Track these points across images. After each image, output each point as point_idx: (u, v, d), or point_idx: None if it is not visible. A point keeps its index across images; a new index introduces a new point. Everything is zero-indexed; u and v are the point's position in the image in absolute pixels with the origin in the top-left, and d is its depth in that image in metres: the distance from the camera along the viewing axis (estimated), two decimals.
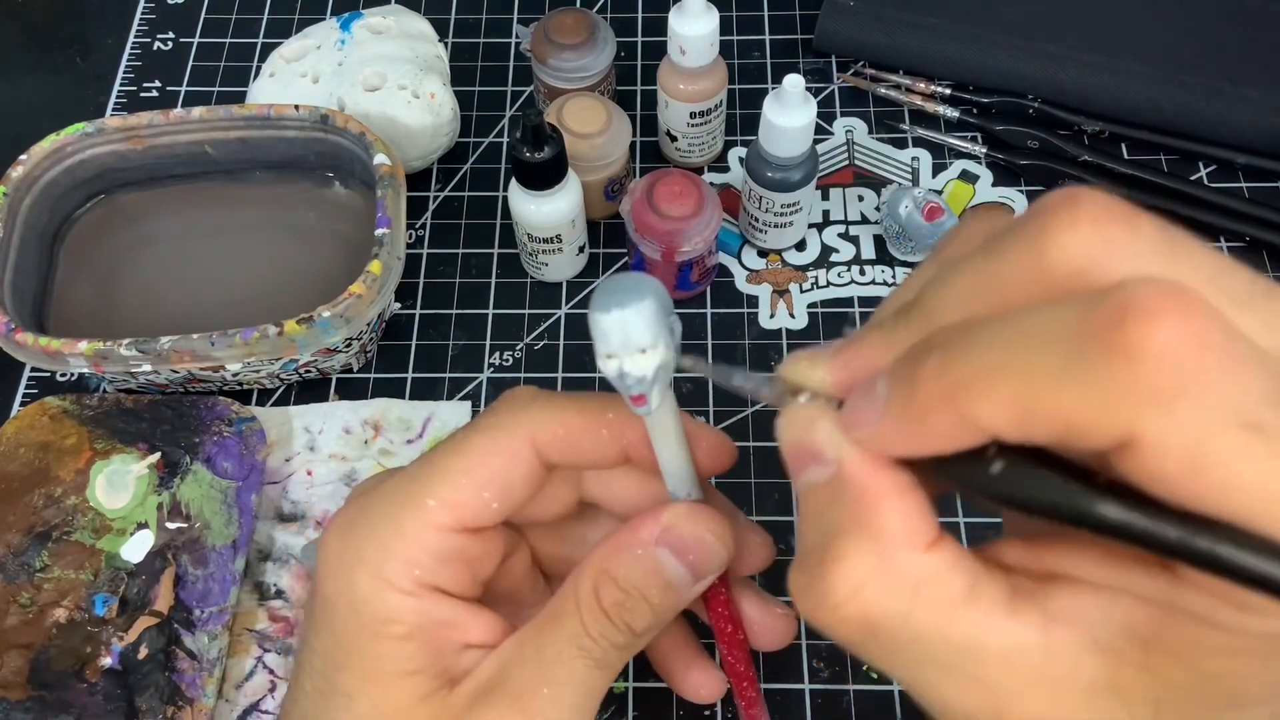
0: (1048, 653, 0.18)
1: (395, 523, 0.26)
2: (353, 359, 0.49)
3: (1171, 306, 0.15)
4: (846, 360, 0.20)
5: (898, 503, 0.18)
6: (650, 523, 0.26)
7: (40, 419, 0.45)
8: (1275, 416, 0.15)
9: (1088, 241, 0.16)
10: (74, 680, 0.40)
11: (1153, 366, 0.15)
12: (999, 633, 0.18)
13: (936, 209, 0.50)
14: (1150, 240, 0.16)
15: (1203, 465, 0.15)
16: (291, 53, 0.55)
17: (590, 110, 0.49)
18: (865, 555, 0.18)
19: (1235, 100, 0.52)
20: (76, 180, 0.50)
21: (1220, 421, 0.15)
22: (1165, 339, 0.14)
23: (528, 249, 0.50)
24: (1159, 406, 0.15)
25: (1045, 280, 0.17)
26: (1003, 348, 0.16)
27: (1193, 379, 0.15)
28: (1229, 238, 0.52)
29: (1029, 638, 0.18)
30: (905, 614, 0.18)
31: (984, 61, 0.55)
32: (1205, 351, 0.15)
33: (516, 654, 0.26)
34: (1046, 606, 0.18)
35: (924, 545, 0.18)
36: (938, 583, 0.18)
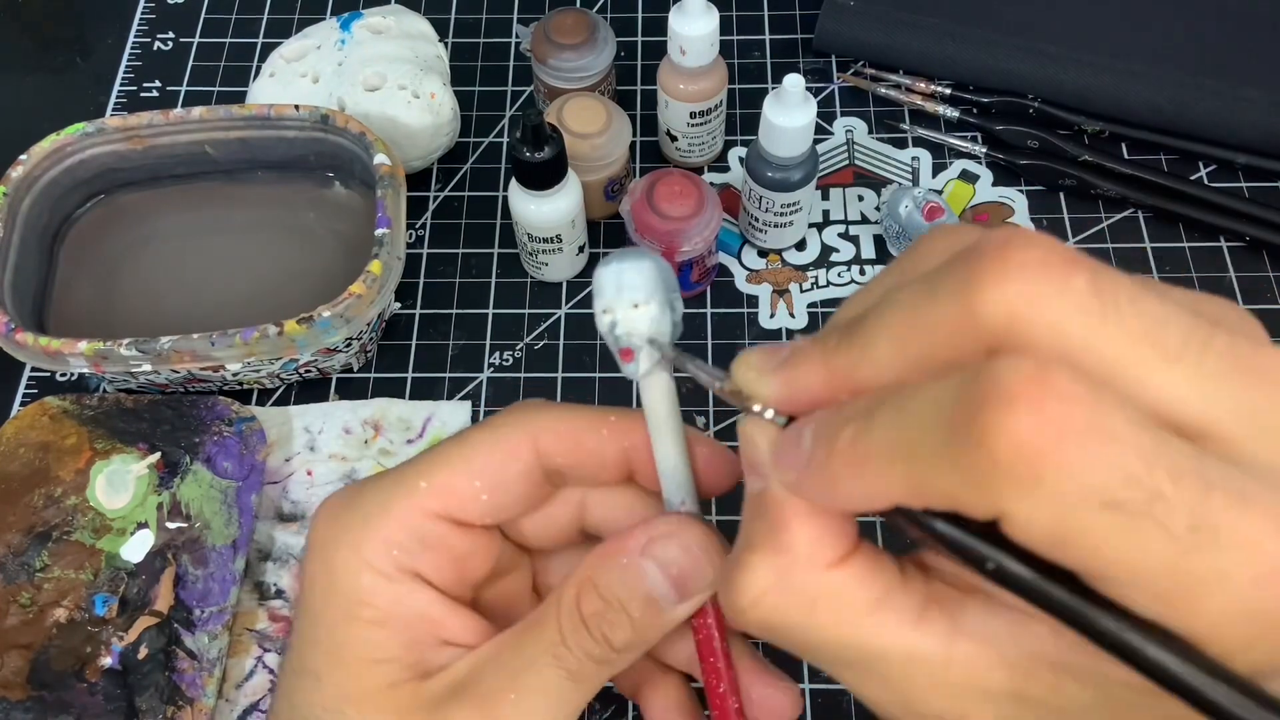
0: (948, 662, 0.19)
1: (383, 503, 0.26)
2: (353, 359, 0.49)
3: (1030, 392, 0.15)
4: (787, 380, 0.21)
5: (805, 525, 0.20)
6: (638, 533, 0.25)
7: (40, 419, 0.45)
8: (1137, 493, 0.15)
9: (1014, 298, 0.17)
10: (74, 680, 0.40)
11: (1007, 454, 0.15)
12: (902, 640, 0.19)
13: (936, 209, 0.50)
14: (1079, 296, 0.16)
15: (1066, 542, 0.16)
16: (291, 53, 0.55)
17: (590, 110, 0.49)
18: (767, 569, 0.20)
19: (1235, 100, 0.52)
20: (76, 180, 0.50)
21: (1079, 504, 0.15)
22: (1021, 427, 0.15)
23: (528, 249, 0.50)
24: (1018, 493, 0.15)
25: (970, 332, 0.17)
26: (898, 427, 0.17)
27: (1050, 465, 0.15)
28: (1229, 238, 0.52)
29: (931, 647, 0.19)
30: (803, 623, 0.20)
31: (984, 61, 0.55)
32: (1062, 438, 0.15)
33: (492, 656, 0.26)
34: (958, 620, 0.19)
35: (826, 564, 0.20)
36: (838, 597, 0.20)
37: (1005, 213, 0.53)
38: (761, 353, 0.21)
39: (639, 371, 0.24)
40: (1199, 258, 0.52)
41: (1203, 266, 0.51)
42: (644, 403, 0.25)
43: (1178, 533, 0.15)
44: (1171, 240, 0.52)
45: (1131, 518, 0.15)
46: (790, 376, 0.21)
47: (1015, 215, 0.53)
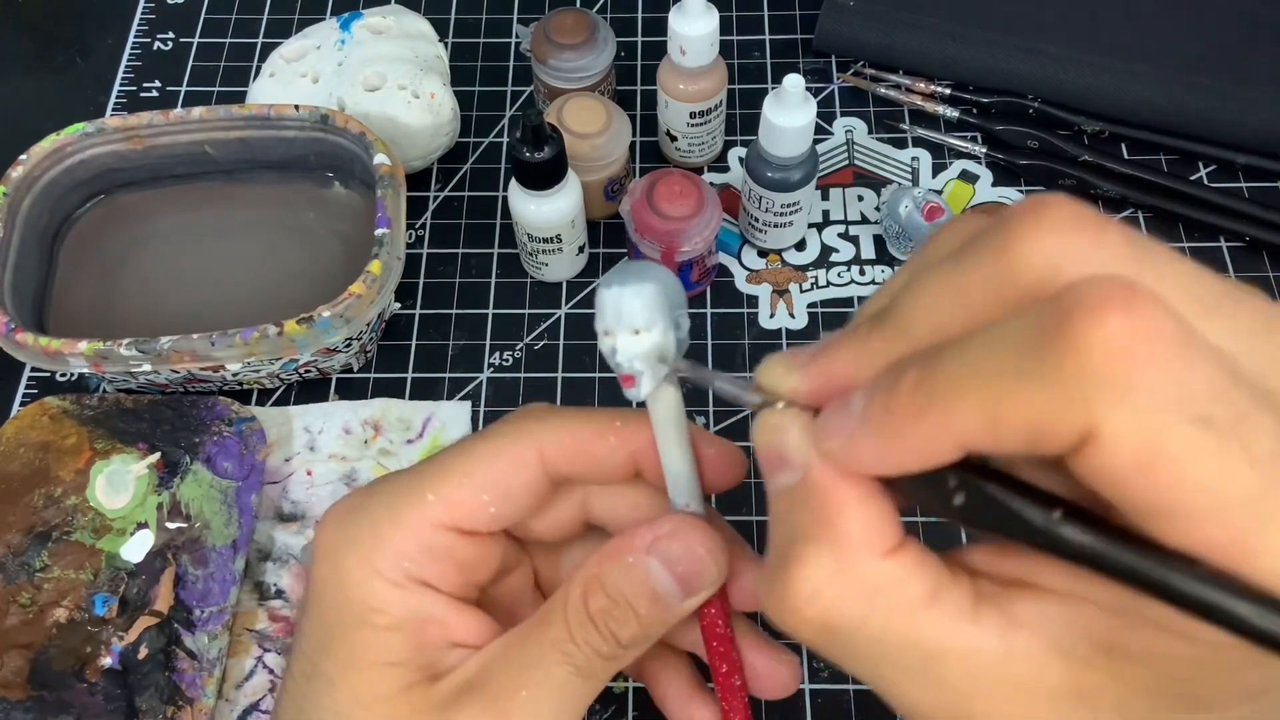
0: (1008, 657, 0.18)
1: (391, 513, 0.26)
2: (353, 359, 0.49)
3: (1119, 299, 0.15)
4: (820, 369, 0.20)
5: (858, 510, 0.19)
6: (644, 532, 0.26)
7: (40, 419, 0.45)
8: (1225, 410, 0.15)
9: (1053, 250, 0.17)
10: (74, 680, 0.40)
11: (1102, 359, 0.15)
12: (960, 636, 0.18)
13: (936, 209, 0.50)
14: (1116, 248, 0.17)
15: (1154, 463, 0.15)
16: (291, 53, 0.55)
17: (590, 110, 0.49)
18: (824, 560, 0.19)
19: (1235, 100, 0.52)
20: (76, 180, 0.50)
21: (1172, 414, 0.15)
22: (1113, 331, 0.15)
23: (528, 249, 0.50)
24: (1112, 398, 0.15)
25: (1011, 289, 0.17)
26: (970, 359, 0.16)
27: (1142, 370, 0.15)
28: (1229, 238, 0.52)
29: (990, 642, 0.18)
30: (863, 617, 0.19)
31: (984, 61, 0.55)
32: (1154, 343, 0.15)
33: (500, 655, 0.26)
34: (1010, 612, 0.18)
35: (883, 552, 0.19)
36: (897, 588, 0.19)
37: None
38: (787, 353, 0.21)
39: (640, 395, 0.24)
40: (1199, 258, 0.51)
41: None
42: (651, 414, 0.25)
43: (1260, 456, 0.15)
44: (1171, 240, 0.52)
45: (1220, 436, 0.15)
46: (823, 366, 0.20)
47: None
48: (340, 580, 0.26)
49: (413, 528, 0.26)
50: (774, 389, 0.21)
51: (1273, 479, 0.15)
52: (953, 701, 0.19)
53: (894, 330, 0.19)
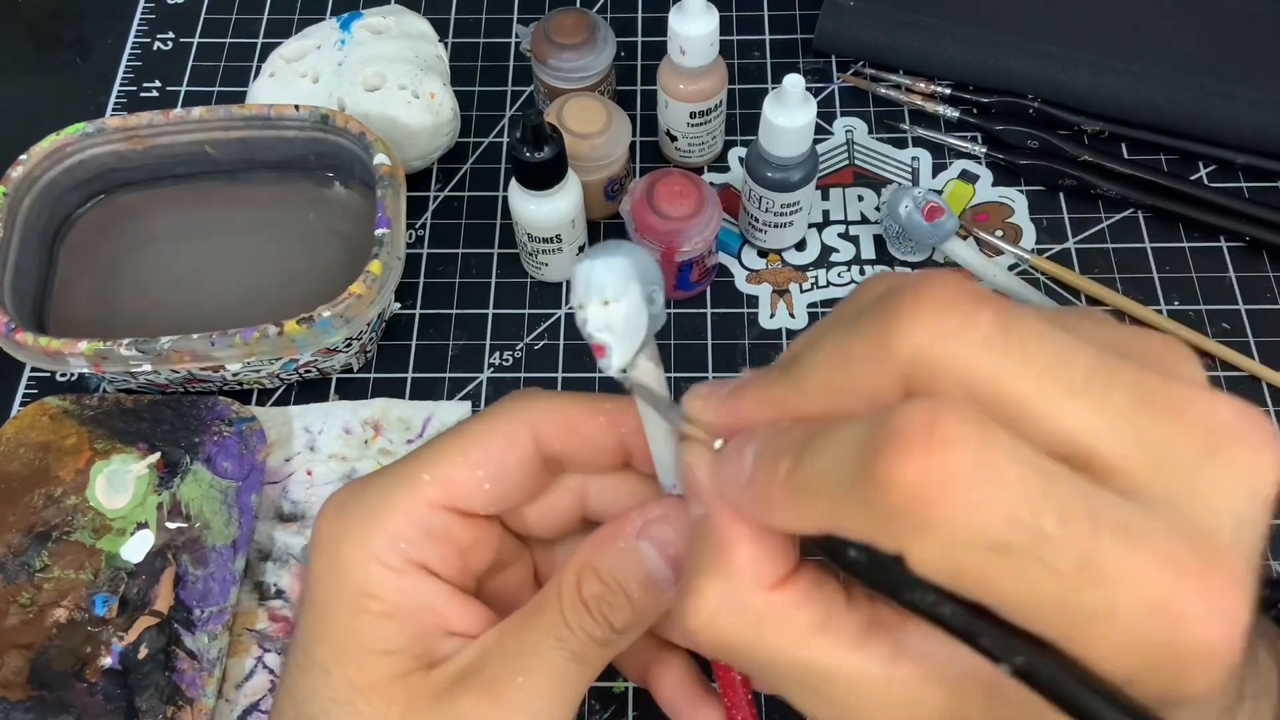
0: (890, 682, 0.19)
1: (388, 497, 0.26)
2: (353, 359, 0.49)
3: (920, 438, 0.16)
4: (728, 409, 0.22)
5: (748, 546, 0.21)
6: (635, 516, 0.26)
7: (40, 419, 0.45)
8: (1020, 534, 0.16)
9: (922, 335, 0.18)
10: (74, 680, 0.40)
11: (900, 500, 0.16)
12: (846, 661, 0.20)
13: (936, 209, 0.50)
14: (984, 333, 0.17)
15: (961, 580, 0.16)
16: (291, 53, 0.55)
17: (590, 110, 0.49)
18: (716, 590, 0.21)
19: (1235, 100, 0.52)
20: (76, 180, 0.50)
21: (967, 546, 0.16)
22: (912, 473, 0.16)
23: (528, 249, 0.50)
24: (913, 532, 0.16)
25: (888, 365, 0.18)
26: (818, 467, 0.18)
27: (937, 510, 0.16)
28: (1229, 238, 0.52)
29: (873, 668, 0.19)
30: (753, 642, 0.20)
31: (984, 61, 0.55)
32: (946, 484, 0.16)
33: (496, 642, 0.26)
34: (899, 641, 0.20)
35: (770, 584, 0.20)
36: (785, 616, 0.20)
37: (1005, 213, 0.53)
38: (711, 385, 0.23)
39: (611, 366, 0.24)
40: (1199, 258, 0.52)
41: (1203, 266, 0.51)
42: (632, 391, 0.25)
43: (1064, 571, 0.16)
44: (1171, 240, 0.52)
45: (1018, 558, 0.16)
46: (733, 405, 0.22)
47: (1015, 215, 0.53)
48: (336, 568, 0.26)
49: (409, 509, 0.26)
50: (692, 419, 0.22)
51: (1082, 585, 0.16)
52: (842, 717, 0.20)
53: (792, 383, 0.20)
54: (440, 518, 0.26)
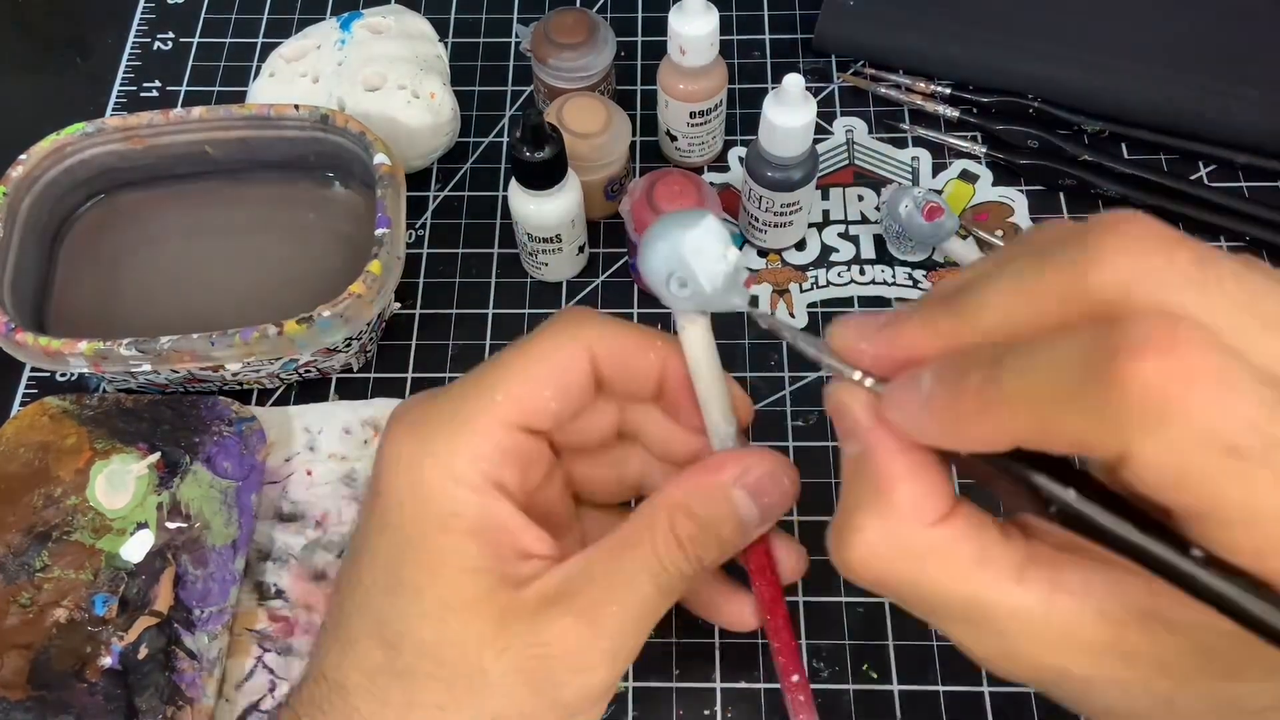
0: (1049, 616, 0.20)
1: (465, 417, 0.27)
2: (353, 359, 0.49)
3: (1161, 341, 0.16)
4: (888, 340, 0.22)
5: (910, 484, 0.21)
6: (731, 465, 0.28)
7: (40, 419, 0.45)
8: (1255, 440, 0.16)
9: (1125, 269, 0.18)
10: (74, 680, 0.40)
11: (1139, 397, 0.16)
12: (1005, 595, 0.20)
13: (936, 209, 0.50)
14: (1184, 270, 0.18)
15: (1186, 483, 0.17)
16: (291, 53, 0.55)
17: (590, 110, 0.49)
18: (876, 528, 0.21)
19: (1235, 100, 0.52)
20: (76, 180, 0.50)
21: (1202, 446, 0.16)
22: (1152, 372, 0.16)
23: (528, 249, 0.50)
24: (1146, 432, 0.17)
25: (1082, 300, 0.18)
26: (1028, 374, 0.18)
27: (1175, 407, 0.16)
28: (1229, 237, 0.52)
29: (1032, 601, 0.20)
30: (914, 577, 0.21)
31: (984, 61, 0.55)
32: (1190, 383, 0.16)
33: (586, 571, 0.27)
34: (1057, 576, 0.20)
35: (931, 521, 0.21)
36: (945, 552, 0.21)
37: (1005, 212, 0.53)
38: (859, 318, 0.23)
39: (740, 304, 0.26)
40: None
41: None
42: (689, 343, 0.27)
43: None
44: None
45: (1249, 463, 0.16)
46: (891, 336, 0.22)
47: (1015, 215, 0.53)
48: (417, 488, 0.26)
49: (486, 429, 0.27)
50: (844, 353, 0.23)
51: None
52: (1002, 649, 0.21)
53: (965, 316, 0.20)
54: (513, 437, 0.27)
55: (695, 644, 0.43)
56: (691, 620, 0.34)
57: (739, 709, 0.41)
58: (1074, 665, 0.20)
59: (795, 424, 0.48)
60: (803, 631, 0.43)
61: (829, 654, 0.42)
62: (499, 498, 0.27)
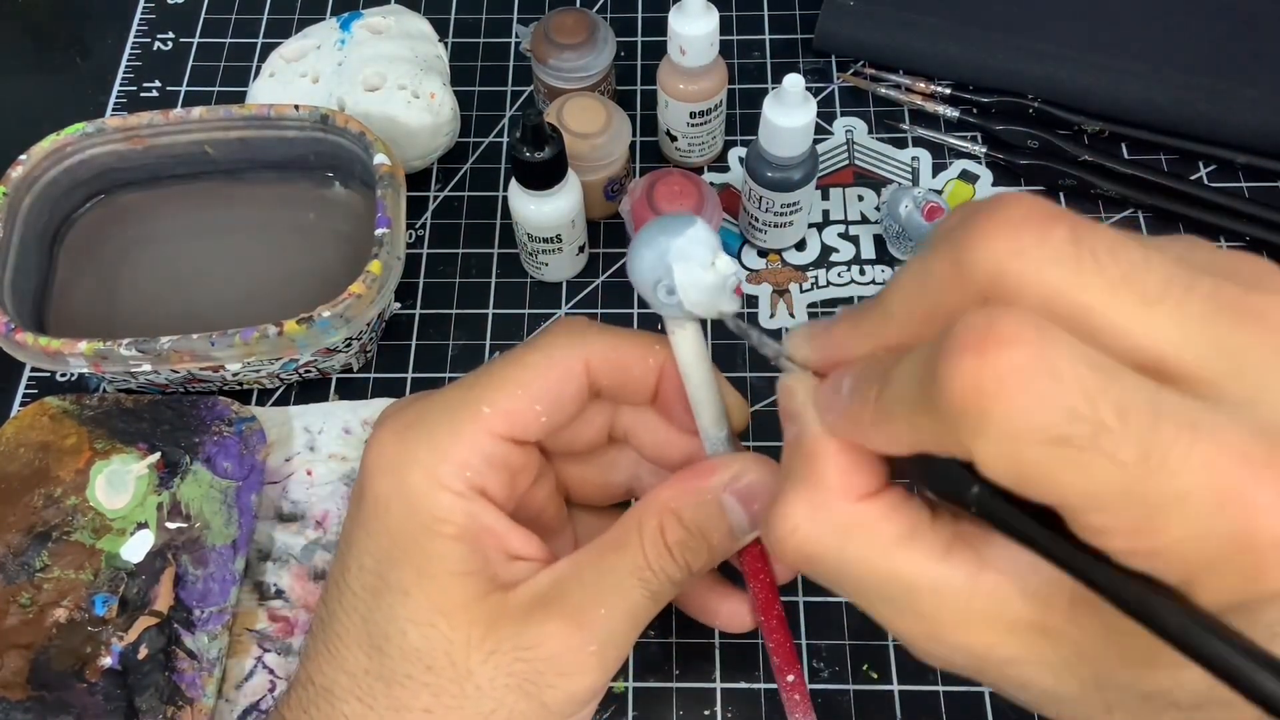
0: (973, 593, 0.20)
1: (451, 426, 0.27)
2: (353, 359, 0.49)
3: (973, 340, 0.16)
4: (824, 344, 0.23)
5: (836, 459, 0.21)
6: (721, 470, 0.27)
7: (40, 419, 0.45)
8: (1079, 427, 0.16)
9: (999, 250, 0.18)
10: (74, 680, 0.40)
11: (960, 399, 0.17)
12: (930, 573, 0.20)
13: (936, 209, 0.50)
14: (1058, 249, 0.18)
15: (1028, 480, 0.17)
16: (291, 53, 0.55)
17: (590, 110, 0.49)
18: (802, 500, 0.21)
19: (1235, 100, 0.52)
20: (76, 180, 0.50)
21: (1027, 440, 0.16)
22: (968, 373, 0.16)
23: (528, 249, 0.50)
24: (976, 434, 0.17)
25: (965, 286, 0.18)
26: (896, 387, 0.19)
27: (994, 406, 0.16)
28: (1229, 237, 0.52)
29: (957, 579, 0.20)
30: (838, 552, 0.21)
31: (984, 61, 0.55)
32: (1004, 379, 0.16)
33: (574, 574, 0.27)
34: (983, 553, 0.20)
35: (857, 496, 0.21)
36: (870, 527, 0.21)
37: None
38: (815, 322, 0.24)
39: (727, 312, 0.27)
40: None
41: None
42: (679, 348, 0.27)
43: (1127, 461, 0.16)
44: None
45: (1079, 450, 0.16)
46: (826, 340, 0.23)
47: None
48: (405, 493, 0.27)
49: (472, 439, 0.27)
50: (791, 354, 0.24)
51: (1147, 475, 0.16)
52: (926, 628, 0.21)
53: (879, 314, 0.21)
54: (500, 447, 0.27)
55: (695, 644, 0.43)
56: (691, 620, 0.34)
57: (739, 709, 0.41)
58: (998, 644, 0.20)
59: None
60: (803, 631, 0.43)
61: (829, 654, 0.42)
62: (485, 504, 0.27)
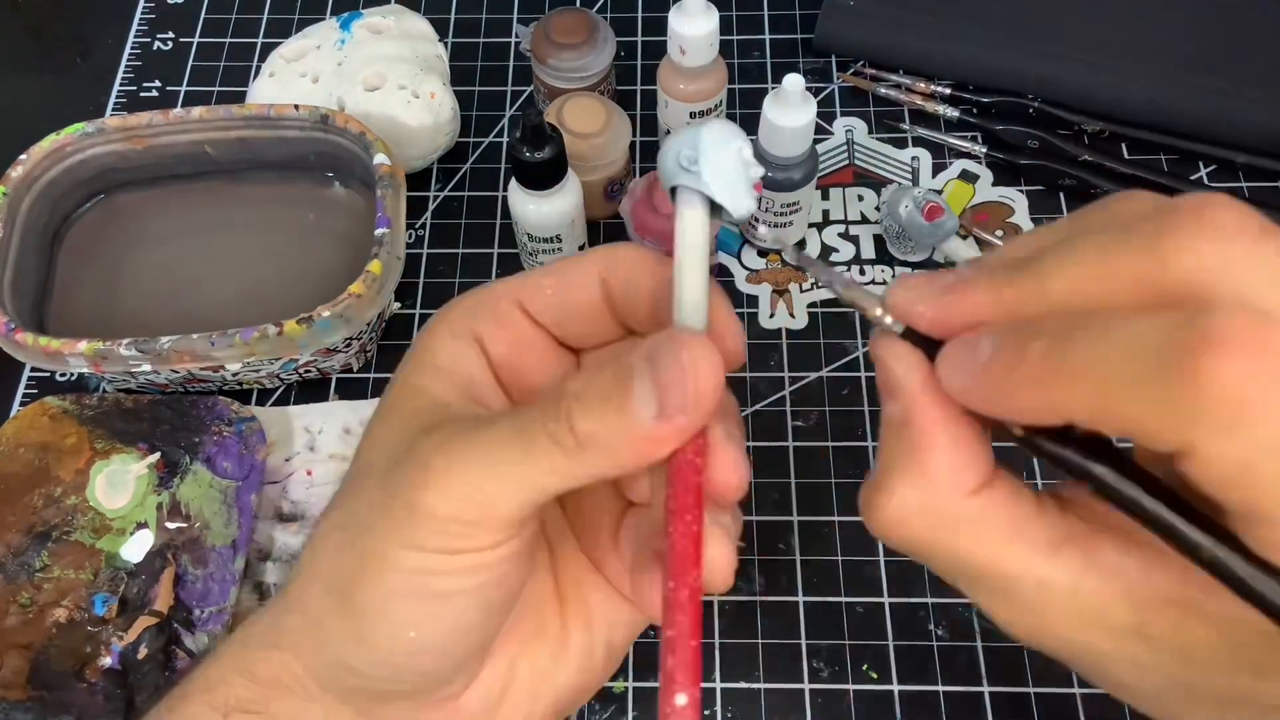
0: (1078, 593, 0.20)
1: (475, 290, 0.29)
2: (352, 359, 0.49)
3: (1249, 341, 0.16)
4: (950, 305, 0.21)
5: (949, 452, 0.21)
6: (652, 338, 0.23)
7: (40, 419, 0.45)
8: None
9: (1208, 257, 0.18)
10: (74, 680, 0.40)
11: (1216, 396, 0.16)
12: (1036, 570, 0.20)
13: (936, 209, 0.50)
14: (1272, 264, 0.17)
15: (1247, 483, 0.17)
16: (291, 53, 0.55)
17: (590, 110, 0.49)
18: (912, 495, 0.21)
19: (1235, 100, 0.52)
20: (76, 180, 0.50)
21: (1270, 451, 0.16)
22: (1234, 372, 0.16)
23: (528, 249, 0.50)
24: (1216, 431, 0.16)
25: (1158, 283, 0.18)
26: (1098, 351, 0.18)
27: (1253, 412, 0.16)
28: None
29: (1063, 579, 0.20)
30: (947, 544, 0.21)
31: (984, 61, 0.55)
32: (1271, 387, 0.16)
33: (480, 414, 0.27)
34: (1091, 554, 0.20)
35: (967, 491, 0.21)
36: (979, 522, 0.21)
37: (1005, 212, 0.53)
38: (919, 278, 0.22)
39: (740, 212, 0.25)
40: None
41: None
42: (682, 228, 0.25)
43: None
44: None
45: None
46: (952, 300, 0.21)
47: (1015, 215, 0.53)
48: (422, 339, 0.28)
49: (481, 293, 0.28)
50: (902, 311, 0.22)
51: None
52: (1029, 621, 0.21)
53: (1033, 286, 0.20)
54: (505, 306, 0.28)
55: None
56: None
57: (739, 709, 0.41)
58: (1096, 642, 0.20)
59: (795, 424, 0.48)
60: (803, 631, 0.43)
61: (829, 654, 0.42)
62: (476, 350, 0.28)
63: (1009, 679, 0.41)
